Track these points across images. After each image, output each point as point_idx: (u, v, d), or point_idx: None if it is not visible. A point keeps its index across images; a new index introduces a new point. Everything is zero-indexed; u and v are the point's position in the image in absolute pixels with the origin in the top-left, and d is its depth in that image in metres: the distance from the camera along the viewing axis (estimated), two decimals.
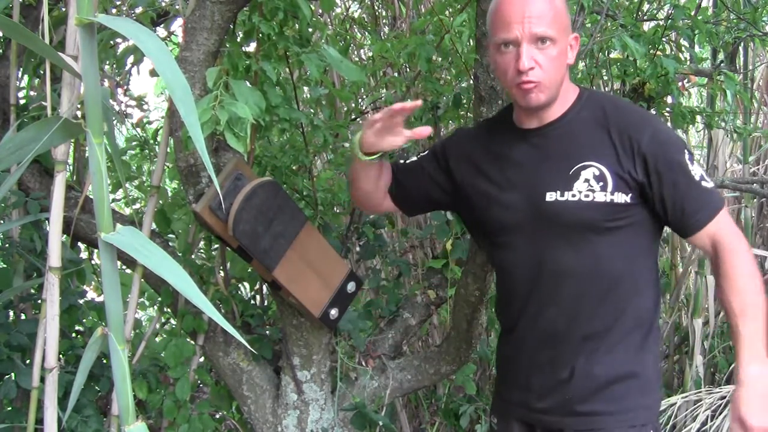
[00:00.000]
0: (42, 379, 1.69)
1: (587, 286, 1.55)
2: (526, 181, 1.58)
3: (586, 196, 1.51)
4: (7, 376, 2.17)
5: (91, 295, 2.81)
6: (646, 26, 2.60)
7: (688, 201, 1.52)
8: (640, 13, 2.62)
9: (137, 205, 3.42)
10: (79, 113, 1.69)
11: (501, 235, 1.64)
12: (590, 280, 1.55)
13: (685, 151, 1.54)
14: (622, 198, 1.51)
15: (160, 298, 2.30)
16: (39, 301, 2.13)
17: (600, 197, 1.51)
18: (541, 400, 1.61)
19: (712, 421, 3.07)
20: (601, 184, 1.51)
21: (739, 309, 1.48)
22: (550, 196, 1.54)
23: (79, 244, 2.53)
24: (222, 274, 2.34)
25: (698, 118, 2.65)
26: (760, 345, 1.46)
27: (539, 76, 1.49)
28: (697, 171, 1.53)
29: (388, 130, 1.55)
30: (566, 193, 1.53)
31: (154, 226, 2.31)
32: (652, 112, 2.67)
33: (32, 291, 2.33)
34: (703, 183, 1.53)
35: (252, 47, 2.05)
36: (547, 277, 1.57)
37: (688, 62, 2.84)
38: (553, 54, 1.49)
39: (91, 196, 2.10)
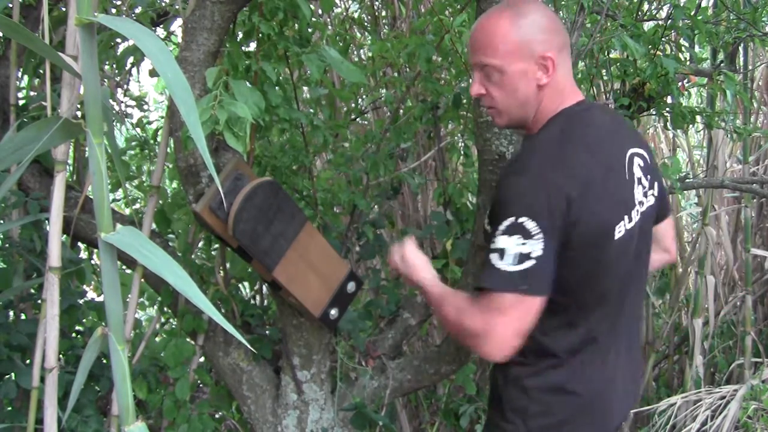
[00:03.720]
0: (42, 379, 1.69)
1: None
2: None
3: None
4: (7, 376, 2.17)
5: (91, 295, 2.81)
6: (646, 26, 2.59)
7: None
8: (640, 13, 2.62)
9: (137, 205, 3.42)
10: (79, 113, 1.69)
11: None
12: None
13: (512, 219, 1.37)
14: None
15: (160, 298, 2.30)
16: (39, 301, 2.13)
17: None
18: None
19: (712, 421, 3.08)
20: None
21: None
22: None
23: (79, 244, 2.53)
24: (222, 274, 2.34)
25: (698, 118, 2.64)
26: (437, 287, 1.57)
27: (489, 102, 1.52)
28: (500, 242, 1.38)
29: None
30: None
31: (154, 226, 2.32)
32: (652, 112, 2.67)
33: (32, 291, 2.33)
34: (493, 256, 1.39)
35: (252, 47, 2.05)
36: None
37: (688, 62, 2.83)
38: (497, 81, 1.47)
39: (91, 196, 2.10)
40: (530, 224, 1.35)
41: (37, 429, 1.75)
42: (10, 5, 2.00)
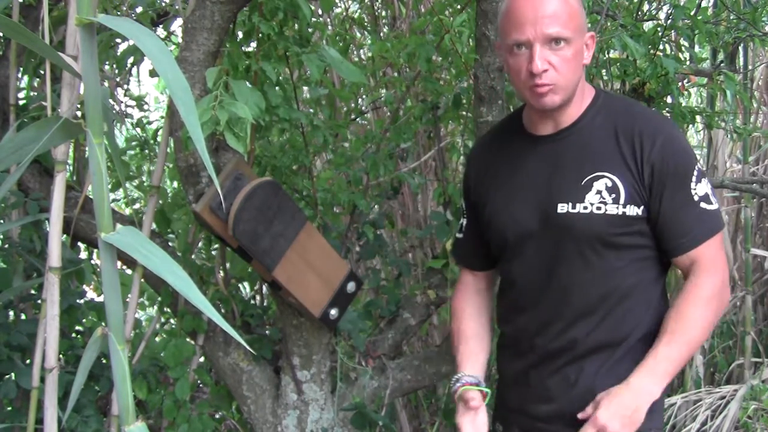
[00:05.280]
0: (42, 379, 1.70)
1: (594, 300, 1.52)
2: (538, 192, 1.54)
3: (598, 208, 1.47)
4: (7, 376, 2.17)
5: (91, 295, 2.81)
6: (646, 26, 2.59)
7: (678, 220, 1.47)
8: (640, 13, 2.62)
9: (137, 205, 3.42)
10: (79, 113, 1.69)
11: (510, 245, 1.61)
12: (598, 293, 1.51)
13: (696, 167, 1.49)
14: (634, 211, 1.47)
15: (160, 298, 2.30)
16: (39, 301, 2.13)
17: (612, 209, 1.47)
18: (541, 408, 1.60)
19: (712, 421, 3.08)
20: (614, 195, 1.47)
21: (671, 330, 1.46)
22: (562, 208, 1.50)
23: (79, 244, 2.53)
24: (222, 274, 2.34)
25: (698, 118, 2.64)
26: (665, 368, 1.45)
27: (553, 78, 1.44)
28: (701, 190, 1.48)
29: None
30: (578, 204, 1.49)
31: (154, 226, 2.31)
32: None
33: (32, 291, 2.33)
34: (702, 204, 1.48)
35: (252, 47, 2.05)
36: (554, 289, 1.54)
37: (688, 62, 2.83)
38: (568, 55, 1.44)
39: (91, 196, 2.10)
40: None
41: (37, 429, 1.75)
42: (10, 5, 2.00)
